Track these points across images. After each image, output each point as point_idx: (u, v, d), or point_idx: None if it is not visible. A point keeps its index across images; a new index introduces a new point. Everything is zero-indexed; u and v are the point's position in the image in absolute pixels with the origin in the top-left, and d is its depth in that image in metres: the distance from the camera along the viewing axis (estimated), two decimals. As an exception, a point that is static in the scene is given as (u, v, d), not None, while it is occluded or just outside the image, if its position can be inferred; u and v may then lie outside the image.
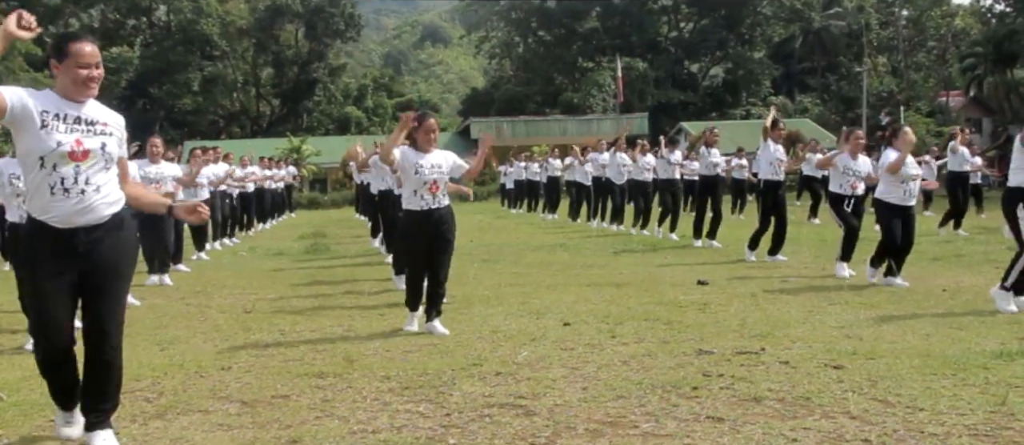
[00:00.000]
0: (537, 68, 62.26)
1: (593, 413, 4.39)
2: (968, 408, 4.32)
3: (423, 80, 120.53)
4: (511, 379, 5.10)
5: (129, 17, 56.92)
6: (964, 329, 6.23)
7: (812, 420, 4.20)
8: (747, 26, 63.29)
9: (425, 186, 6.37)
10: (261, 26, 54.53)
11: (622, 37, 61.66)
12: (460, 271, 10.40)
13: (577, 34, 62.87)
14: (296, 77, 55.94)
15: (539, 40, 63.43)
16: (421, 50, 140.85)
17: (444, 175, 6.45)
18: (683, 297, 8.02)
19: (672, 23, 65.07)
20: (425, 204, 6.39)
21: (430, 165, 6.39)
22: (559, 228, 18.02)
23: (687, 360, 5.47)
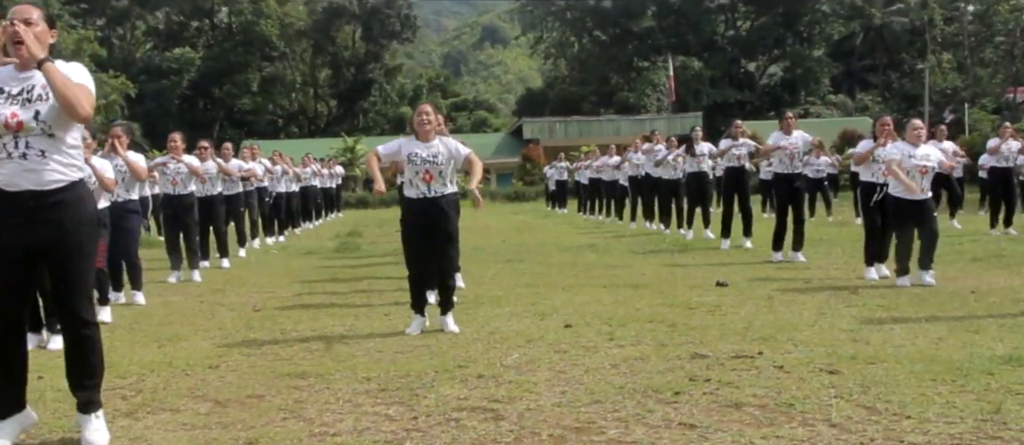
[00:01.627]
0: (592, 68, 62.03)
1: (563, 418, 4.27)
2: (958, 416, 4.10)
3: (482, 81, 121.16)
4: (492, 382, 5.00)
5: (193, 19, 58.15)
6: (980, 333, 5.95)
7: (788, 428, 4.02)
8: (805, 24, 62.27)
9: (418, 175, 6.26)
10: (319, 27, 55.25)
11: (678, 36, 61.15)
12: (480, 271, 10.38)
13: (632, 34, 62.53)
14: (353, 77, 56.54)
15: (594, 40, 63.22)
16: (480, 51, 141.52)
17: (439, 165, 6.28)
18: (697, 299, 7.83)
19: (729, 22, 64.32)
20: (420, 192, 6.28)
21: (426, 154, 6.27)
22: (595, 228, 17.85)
23: (679, 364, 5.30)
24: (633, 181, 17.10)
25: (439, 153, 6.31)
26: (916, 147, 8.28)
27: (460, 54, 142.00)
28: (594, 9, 62.34)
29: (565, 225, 19.17)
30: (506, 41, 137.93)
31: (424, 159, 6.26)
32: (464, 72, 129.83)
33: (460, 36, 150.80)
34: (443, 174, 6.30)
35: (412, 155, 6.28)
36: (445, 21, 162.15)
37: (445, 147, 6.36)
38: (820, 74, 61.05)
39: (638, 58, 61.12)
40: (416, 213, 6.35)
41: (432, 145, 6.34)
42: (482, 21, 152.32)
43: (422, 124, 6.32)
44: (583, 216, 21.60)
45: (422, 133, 6.34)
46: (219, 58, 53.36)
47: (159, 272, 10.26)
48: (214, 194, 11.54)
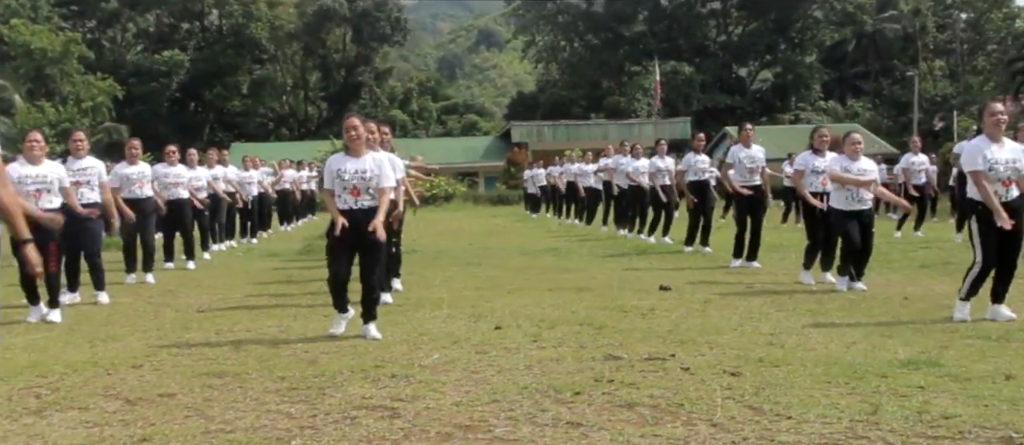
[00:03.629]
0: (583, 72, 62.08)
1: (456, 417, 4.39)
2: (837, 417, 4.22)
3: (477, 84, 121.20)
4: (403, 382, 5.11)
5: (183, 21, 58.25)
6: (893, 337, 6.08)
7: (670, 427, 4.14)
8: (797, 30, 62.38)
9: (346, 190, 6.31)
10: (309, 30, 55.36)
11: (669, 41, 61.20)
12: (434, 274, 10.48)
13: (624, 38, 62.63)
14: (343, 80, 56.64)
15: (585, 44, 63.31)
16: (476, 54, 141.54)
17: (367, 182, 6.29)
18: (637, 302, 7.94)
19: (721, 27, 64.38)
20: (347, 205, 6.33)
21: (354, 171, 6.30)
22: (565, 232, 17.95)
23: (590, 365, 5.42)
24: (606, 186, 17.21)
25: (368, 170, 6.29)
26: (854, 161, 8.37)
27: (455, 57, 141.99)
28: (585, 13, 62.46)
29: (538, 229, 19.28)
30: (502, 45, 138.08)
31: (352, 175, 6.29)
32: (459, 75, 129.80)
33: (455, 39, 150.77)
34: (371, 190, 6.31)
35: (341, 171, 6.31)
36: (441, 24, 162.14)
37: (376, 164, 6.34)
38: (811, 80, 61.11)
39: (629, 63, 61.16)
40: (346, 224, 6.33)
41: (363, 160, 6.33)
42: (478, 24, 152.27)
43: (351, 140, 6.33)
44: (558, 220, 21.70)
45: (352, 148, 6.36)
46: (209, 60, 53.46)
47: (117, 273, 10.34)
48: (182, 197, 11.67)
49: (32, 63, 40.16)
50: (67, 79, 42.87)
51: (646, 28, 62.39)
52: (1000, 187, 6.50)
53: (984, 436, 3.91)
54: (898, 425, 4.07)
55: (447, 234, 17.87)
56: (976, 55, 61.69)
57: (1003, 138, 6.65)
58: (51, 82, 40.69)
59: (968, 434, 3.93)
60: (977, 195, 6.61)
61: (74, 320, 7.49)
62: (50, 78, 40.73)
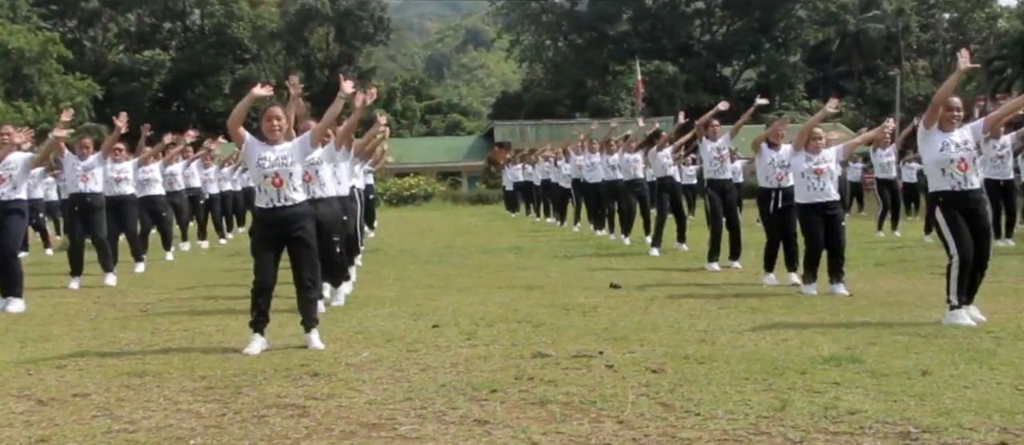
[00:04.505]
0: (567, 71, 62.05)
1: (365, 415, 4.36)
2: (744, 412, 4.22)
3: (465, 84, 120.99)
4: (323, 380, 5.08)
5: (164, 21, 57.99)
6: (826, 334, 6.07)
7: (575, 424, 4.13)
8: (781, 29, 62.48)
9: (267, 180, 5.95)
10: (291, 29, 55.22)
11: (653, 40, 61.24)
12: (389, 273, 10.45)
13: (608, 37, 62.61)
14: (326, 80, 56.43)
15: (569, 43, 63.29)
16: (464, 54, 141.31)
17: (289, 167, 5.98)
18: (583, 300, 7.93)
19: (705, 26, 64.46)
20: (270, 200, 5.97)
21: (274, 158, 5.98)
22: (536, 231, 17.94)
23: (515, 363, 5.40)
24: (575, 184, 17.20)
25: (290, 155, 6.00)
26: (815, 152, 8.32)
27: (443, 57, 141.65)
28: (569, 13, 62.47)
29: (510, 228, 19.25)
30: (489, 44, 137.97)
31: (273, 162, 5.95)
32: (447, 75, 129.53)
33: (443, 39, 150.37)
34: (294, 178, 6.01)
35: (260, 159, 5.96)
36: (428, 24, 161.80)
37: (295, 149, 6.05)
38: (795, 80, 61.27)
39: (613, 62, 61.13)
40: (269, 224, 6.01)
41: (283, 148, 6.03)
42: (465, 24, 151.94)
43: (271, 129, 6.02)
44: (532, 218, 21.69)
45: (271, 138, 6.03)
46: (191, 60, 53.24)
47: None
48: (126, 194, 11.23)
49: (9, 63, 39.94)
50: (45, 79, 42.65)
51: (630, 27, 62.43)
52: (957, 170, 6.41)
53: (883, 431, 3.90)
54: (802, 421, 4.07)
55: (416, 233, 17.83)
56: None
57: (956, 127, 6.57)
58: (29, 82, 40.46)
59: (868, 429, 3.93)
60: (940, 186, 6.53)
61: (13, 320, 7.43)
62: (28, 78, 40.51)
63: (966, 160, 6.40)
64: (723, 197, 10.35)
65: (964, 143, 6.42)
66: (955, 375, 4.80)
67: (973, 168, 6.45)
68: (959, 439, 3.75)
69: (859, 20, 60.93)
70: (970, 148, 6.43)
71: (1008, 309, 6.95)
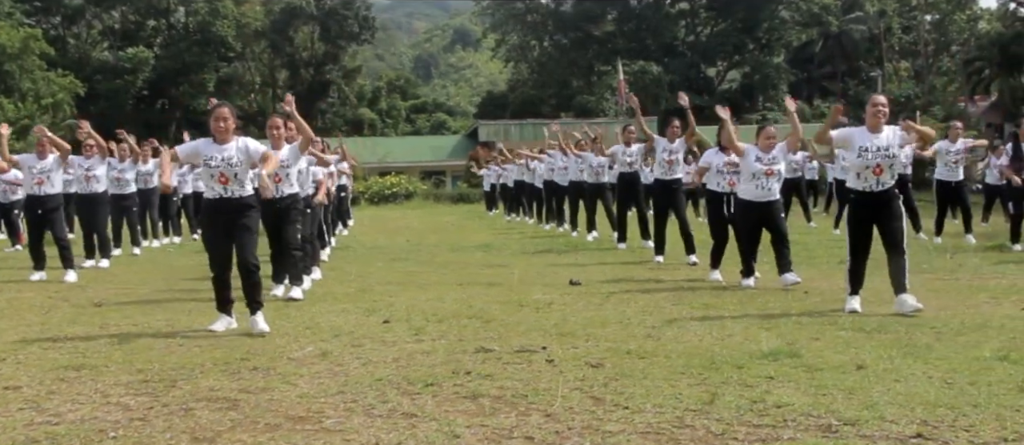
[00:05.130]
0: (553, 71, 62.06)
1: (294, 408, 4.34)
2: (672, 406, 4.22)
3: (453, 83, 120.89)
4: (261, 374, 5.06)
5: (149, 18, 57.71)
6: (771, 329, 6.09)
7: (501, 418, 4.12)
8: (765, 30, 62.63)
9: (213, 178, 6.32)
10: (276, 28, 55.04)
11: (638, 41, 61.32)
12: (355, 269, 10.43)
13: (593, 37, 62.66)
14: (311, 79, 56.35)
15: (555, 43, 63.31)
16: (452, 53, 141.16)
17: (234, 167, 6.31)
18: (540, 296, 7.93)
19: (689, 27, 64.60)
20: (217, 194, 6.35)
21: (220, 158, 6.31)
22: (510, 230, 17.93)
23: (456, 358, 5.39)
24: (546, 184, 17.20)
25: (236, 156, 6.32)
26: (767, 152, 8.37)
27: (431, 57, 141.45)
28: (554, 13, 62.49)
29: (485, 227, 19.25)
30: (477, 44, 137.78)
31: (219, 162, 6.30)
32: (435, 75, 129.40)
33: (431, 38, 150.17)
34: (239, 176, 6.33)
35: (208, 159, 6.35)
36: (416, 23, 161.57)
37: (240, 151, 6.36)
38: (779, 80, 61.41)
39: (598, 62, 61.26)
40: (214, 213, 6.43)
41: (227, 148, 6.36)
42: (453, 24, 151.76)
43: (219, 130, 6.37)
44: (507, 217, 21.70)
45: (218, 137, 6.38)
46: (175, 58, 53.00)
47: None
48: (98, 192, 11.49)
49: (-10, 59, 39.69)
50: (27, 75, 42.35)
51: (615, 28, 62.51)
52: (871, 175, 6.59)
53: (806, 423, 3.91)
54: (728, 414, 4.07)
55: (390, 231, 17.81)
56: (941, 56, 62.22)
57: (883, 127, 6.71)
58: (10, 78, 40.16)
59: (791, 422, 3.93)
60: (854, 185, 6.69)
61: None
62: (9, 74, 40.19)
63: (883, 166, 6.56)
64: (670, 198, 10.41)
65: (885, 149, 6.54)
66: (889, 369, 4.81)
67: (888, 172, 6.60)
68: (878, 431, 3.76)
69: (842, 21, 61.22)
70: (890, 154, 6.57)
71: (957, 305, 6.98)
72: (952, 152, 12.41)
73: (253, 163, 6.38)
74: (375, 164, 41.57)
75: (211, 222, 6.44)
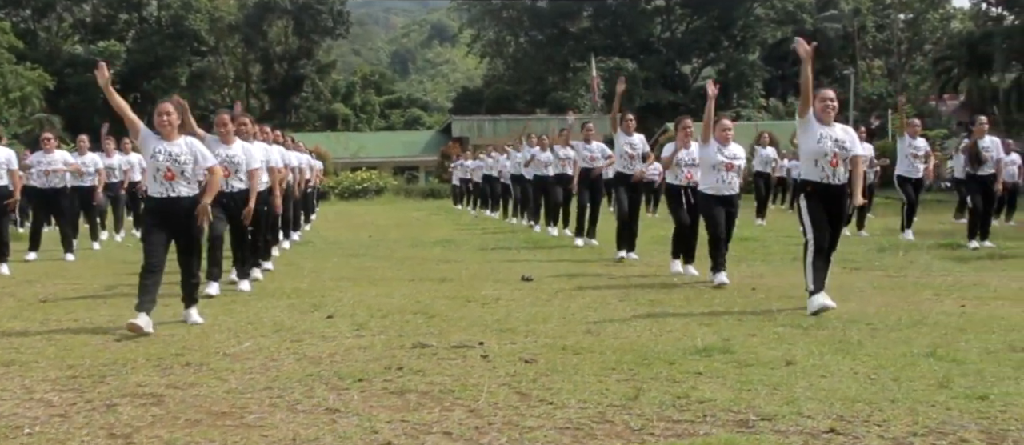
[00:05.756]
0: (528, 67, 62.11)
1: (218, 404, 4.32)
2: (596, 401, 4.23)
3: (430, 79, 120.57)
4: (193, 369, 5.03)
5: (120, 12, 57.22)
6: (710, 325, 6.12)
7: (425, 413, 4.12)
8: (740, 28, 62.94)
9: (160, 172, 6.24)
10: (250, 22, 54.73)
11: (613, 37, 61.46)
12: (311, 264, 10.39)
13: (569, 34, 62.74)
14: (285, 73, 56.07)
15: (530, 39, 63.34)
16: (429, 49, 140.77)
17: (181, 165, 6.24)
18: (489, 292, 7.93)
19: (665, 24, 64.78)
20: (162, 191, 6.27)
21: (166, 153, 6.24)
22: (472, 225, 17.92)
23: (392, 353, 5.38)
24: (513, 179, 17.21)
25: (182, 153, 6.29)
26: (725, 145, 8.40)
27: (408, 52, 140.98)
28: (530, 9, 62.48)
29: (451, 222, 19.22)
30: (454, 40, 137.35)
31: (165, 157, 6.23)
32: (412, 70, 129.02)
33: (408, 34, 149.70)
34: (185, 174, 6.26)
35: (155, 151, 6.25)
36: (394, 18, 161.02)
37: (189, 149, 6.35)
38: (753, 78, 61.82)
39: (573, 58, 61.37)
40: (157, 212, 6.37)
41: (176, 144, 6.33)
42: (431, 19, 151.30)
43: (162, 125, 6.30)
44: (473, 212, 21.71)
45: (163, 133, 6.32)
46: (147, 51, 52.58)
47: None
48: (59, 187, 11.54)
49: (-43, 52, 39.24)
50: (-5, 69, 41.89)
51: (591, 24, 62.57)
52: (828, 166, 6.60)
53: (724, 418, 3.93)
54: (649, 409, 4.09)
55: (354, 226, 17.76)
56: (914, 55, 62.76)
57: (834, 123, 6.74)
58: (-23, 72, 39.75)
59: (710, 417, 3.96)
60: (809, 176, 6.69)
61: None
62: (-24, 68, 39.80)
63: (838, 157, 6.56)
64: (629, 192, 10.42)
65: (840, 141, 6.57)
66: (817, 365, 4.85)
67: (842, 165, 6.60)
68: (793, 426, 3.79)
69: (816, 19, 61.52)
70: (845, 147, 6.59)
71: (899, 302, 7.04)
72: (912, 148, 12.52)
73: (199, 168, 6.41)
74: (348, 159, 41.48)
75: (154, 218, 6.36)
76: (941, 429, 3.69)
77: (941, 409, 3.96)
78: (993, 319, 6.10)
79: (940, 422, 3.78)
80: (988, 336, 5.50)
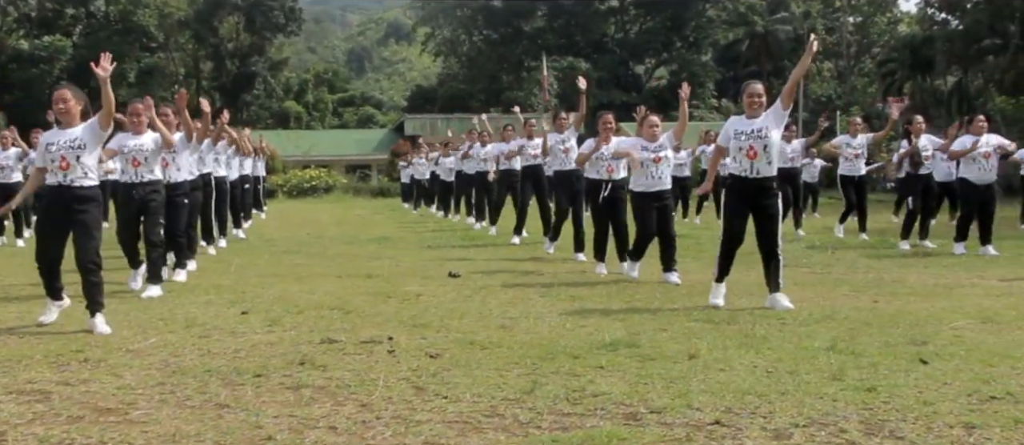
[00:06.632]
0: (483, 66, 62.07)
1: (107, 400, 4.23)
2: (490, 396, 4.21)
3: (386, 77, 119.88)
4: (90, 366, 4.92)
5: (67, 6, 56.06)
6: (625, 320, 6.14)
7: (315, 408, 4.07)
8: (692, 29, 63.50)
9: (54, 163, 6.03)
10: (200, 18, 53.93)
11: (567, 37, 61.65)
12: (240, 261, 10.24)
13: (523, 33, 62.82)
14: (236, 70, 55.39)
15: (485, 38, 63.32)
16: (385, 47, 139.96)
17: (76, 151, 6.04)
18: (413, 288, 7.87)
19: (619, 24, 65.14)
20: (58, 179, 6.04)
21: (61, 142, 6.08)
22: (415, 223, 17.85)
23: (298, 348, 5.32)
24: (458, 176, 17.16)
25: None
26: (652, 140, 8.42)
27: (364, 50, 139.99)
28: (484, 8, 62.46)
29: (394, 220, 19.12)
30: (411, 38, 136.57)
31: (59, 146, 6.06)
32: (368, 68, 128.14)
33: (364, 32, 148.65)
34: (81, 161, 6.03)
35: (49, 145, 6.11)
36: (350, 16, 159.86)
37: (84, 132, 6.11)
38: (706, 78, 62.25)
39: (527, 58, 61.41)
40: (51, 202, 6.15)
41: (70, 132, 6.13)
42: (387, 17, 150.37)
43: (59, 112, 6.19)
44: (417, 210, 21.65)
45: (63, 121, 6.20)
46: (94, 47, 51.30)
47: None
48: (13, 182, 11.87)
49: None
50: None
51: (545, 24, 62.72)
52: (744, 158, 6.61)
53: (615, 411, 3.93)
54: (541, 403, 4.07)
55: (294, 224, 17.58)
56: (862, 58, 63.75)
57: (761, 115, 6.74)
58: (-85, 65, 38.70)
59: (600, 410, 3.95)
60: (731, 170, 6.73)
61: None
62: (-86, 61, 38.74)
63: (755, 148, 6.57)
64: (569, 188, 10.42)
65: (759, 131, 6.58)
66: (719, 359, 4.87)
67: (763, 157, 6.60)
68: (680, 418, 3.80)
69: (768, 21, 62.27)
70: (763, 136, 6.59)
71: (816, 298, 7.12)
72: (852, 147, 12.61)
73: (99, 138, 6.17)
74: (299, 157, 41.10)
75: (48, 210, 6.17)
76: (823, 420, 3.72)
77: (828, 401, 4.00)
78: (900, 314, 6.19)
79: (824, 413, 3.81)
80: (892, 331, 5.58)
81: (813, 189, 19.40)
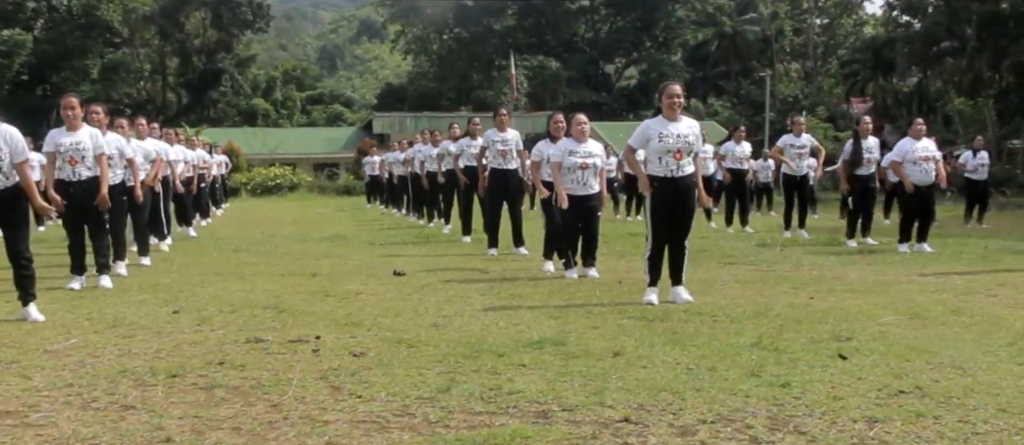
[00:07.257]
0: (453, 65, 61.96)
1: (7, 403, 4.13)
2: (405, 394, 4.16)
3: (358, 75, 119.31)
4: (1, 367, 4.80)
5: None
6: (559, 318, 6.10)
7: (223, 408, 4.01)
8: (662, 29, 63.72)
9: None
10: (165, 13, 53.31)
11: (538, 36, 61.66)
12: (187, 260, 10.11)
13: (494, 32, 62.75)
14: (202, 67, 54.86)
15: (455, 37, 63.20)
16: (358, 45, 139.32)
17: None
18: (355, 287, 7.80)
19: (589, 24, 65.25)
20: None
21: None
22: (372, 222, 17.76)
23: (222, 348, 5.23)
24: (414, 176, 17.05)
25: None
26: (580, 143, 8.38)
27: (336, 48, 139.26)
28: (455, 6, 62.32)
29: (351, 219, 18.99)
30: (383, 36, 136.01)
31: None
32: (340, 66, 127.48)
33: (337, 30, 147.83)
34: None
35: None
36: (322, 13, 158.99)
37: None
38: (674, 78, 62.39)
39: (498, 56, 61.33)
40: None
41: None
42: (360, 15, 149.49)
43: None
44: (381, 209, 21.54)
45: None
46: (56, 42, 50.85)
47: None
48: None
49: None
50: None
51: (515, 23, 62.70)
52: (671, 159, 6.63)
53: (527, 409, 3.89)
54: (454, 402, 4.02)
55: (251, 222, 17.40)
56: (829, 59, 64.29)
57: (681, 117, 6.79)
58: None
59: (513, 408, 3.91)
60: (656, 172, 6.71)
61: None
62: None
63: (682, 151, 6.61)
64: (505, 186, 10.39)
65: (684, 136, 6.62)
66: (644, 356, 4.84)
67: (687, 159, 6.65)
68: (590, 416, 3.76)
69: (736, 22, 62.57)
70: (688, 141, 6.64)
71: (754, 295, 7.12)
72: (796, 146, 12.73)
73: None
74: (265, 155, 40.75)
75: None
76: (731, 416, 3.70)
77: (741, 397, 3.98)
78: (833, 311, 6.20)
79: (733, 410, 3.79)
80: (820, 327, 5.58)
81: (767, 189, 19.51)
